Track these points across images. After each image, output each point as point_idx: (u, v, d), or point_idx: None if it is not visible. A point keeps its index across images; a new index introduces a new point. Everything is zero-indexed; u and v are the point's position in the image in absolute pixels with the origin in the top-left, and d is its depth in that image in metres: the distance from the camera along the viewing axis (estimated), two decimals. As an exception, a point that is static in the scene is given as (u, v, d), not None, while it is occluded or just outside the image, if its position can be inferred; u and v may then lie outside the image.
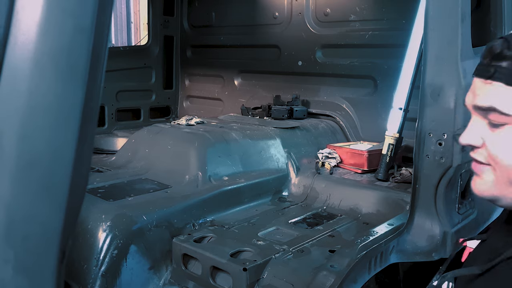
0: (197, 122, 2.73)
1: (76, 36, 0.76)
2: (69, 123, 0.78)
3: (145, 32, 4.29)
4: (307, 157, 2.58)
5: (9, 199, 0.76)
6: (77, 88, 0.77)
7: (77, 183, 0.81)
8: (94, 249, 1.62)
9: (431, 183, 1.75)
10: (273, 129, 2.65)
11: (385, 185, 2.27)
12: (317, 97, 3.17)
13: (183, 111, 4.06)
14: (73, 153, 0.78)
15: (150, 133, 2.57)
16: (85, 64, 0.77)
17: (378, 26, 2.84)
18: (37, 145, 0.76)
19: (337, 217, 2.09)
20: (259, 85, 3.55)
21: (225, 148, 2.33)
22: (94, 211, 1.72)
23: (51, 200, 0.79)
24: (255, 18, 3.54)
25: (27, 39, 0.73)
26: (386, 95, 2.69)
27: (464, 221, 1.91)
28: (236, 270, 1.53)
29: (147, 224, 1.74)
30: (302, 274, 1.50)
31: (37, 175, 0.77)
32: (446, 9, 1.69)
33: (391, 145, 2.37)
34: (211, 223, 1.94)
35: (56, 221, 0.80)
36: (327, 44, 3.13)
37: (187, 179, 2.15)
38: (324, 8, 3.11)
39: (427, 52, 1.73)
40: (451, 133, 1.69)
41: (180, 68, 4.12)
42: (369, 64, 2.89)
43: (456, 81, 1.68)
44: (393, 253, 1.71)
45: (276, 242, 1.75)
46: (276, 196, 2.34)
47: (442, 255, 1.78)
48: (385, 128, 2.42)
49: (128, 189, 2.02)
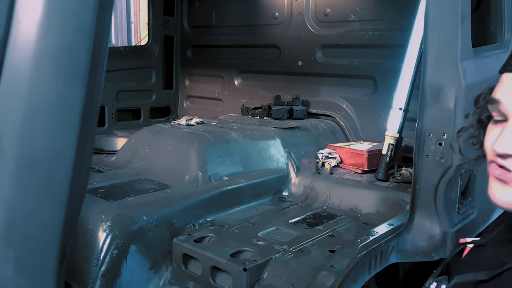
0: (197, 122, 2.73)
1: (76, 36, 0.76)
2: (69, 123, 0.78)
3: (145, 32, 4.29)
4: (307, 157, 2.58)
5: (9, 199, 0.76)
6: (77, 88, 0.77)
7: (77, 183, 0.81)
8: (94, 249, 1.62)
9: (431, 183, 1.75)
10: (273, 129, 2.65)
11: (385, 185, 2.27)
12: (317, 97, 3.17)
13: (183, 111, 4.06)
14: (73, 153, 0.78)
15: (150, 133, 2.57)
16: (85, 64, 0.77)
17: (378, 26, 2.84)
18: (37, 145, 0.76)
19: (337, 217, 2.09)
20: (259, 85, 3.55)
21: (225, 148, 2.33)
22: (94, 211, 1.72)
23: (51, 200, 0.79)
24: (255, 18, 3.54)
25: (27, 39, 0.73)
26: (386, 95, 2.69)
27: (464, 221, 1.91)
28: (236, 270, 1.53)
29: (147, 224, 1.74)
30: (302, 274, 1.50)
31: (37, 175, 0.77)
32: (446, 9, 1.69)
33: (391, 145, 2.37)
34: (211, 223, 1.94)
35: (56, 221, 0.80)
36: (327, 44, 3.13)
37: (187, 179, 2.14)
38: (324, 8, 3.11)
39: (427, 52, 1.73)
40: (451, 133, 1.69)
41: (180, 68, 4.12)
42: (369, 64, 2.89)
43: (456, 81, 1.68)
44: (393, 253, 1.71)
45: (276, 242, 1.75)
46: (276, 196, 2.34)
47: (442, 255, 1.78)
48: (385, 128, 2.42)
49: (128, 189, 2.02)
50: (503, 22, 2.21)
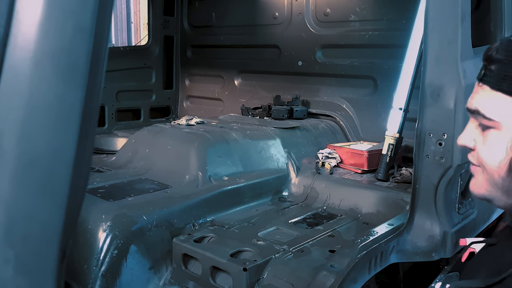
0: (197, 122, 2.74)
1: (76, 36, 0.76)
2: (69, 123, 0.78)
3: (145, 32, 4.29)
4: (307, 157, 2.58)
5: (9, 199, 0.76)
6: (77, 88, 0.77)
7: (77, 183, 0.81)
8: (94, 249, 1.62)
9: (431, 183, 1.75)
10: (273, 129, 2.65)
11: (385, 185, 2.27)
12: (317, 97, 3.17)
13: (183, 111, 4.06)
14: (73, 153, 0.78)
15: (150, 133, 2.57)
16: (85, 64, 0.77)
17: (378, 26, 2.84)
18: (37, 145, 0.76)
19: (337, 217, 2.09)
20: (259, 85, 3.55)
21: (225, 148, 2.33)
22: (94, 211, 1.72)
23: (51, 200, 0.79)
24: (255, 18, 3.54)
25: (27, 39, 0.73)
26: (386, 95, 2.69)
27: (464, 221, 1.91)
28: (236, 270, 1.53)
29: (147, 224, 1.74)
30: (302, 274, 1.50)
31: (37, 175, 0.77)
32: (446, 9, 1.69)
33: (391, 145, 2.37)
34: (211, 223, 1.94)
35: (56, 221, 0.80)
36: (327, 44, 3.13)
37: (187, 179, 2.14)
38: (324, 8, 3.11)
39: (427, 52, 1.73)
40: (451, 133, 1.69)
41: (180, 68, 4.12)
42: (369, 64, 2.89)
43: (456, 81, 1.68)
44: (393, 253, 1.71)
45: (276, 242, 1.75)
46: (276, 196, 2.34)
47: (442, 255, 1.78)
48: (385, 128, 2.42)
49: (128, 189, 2.02)
50: (503, 22, 2.21)
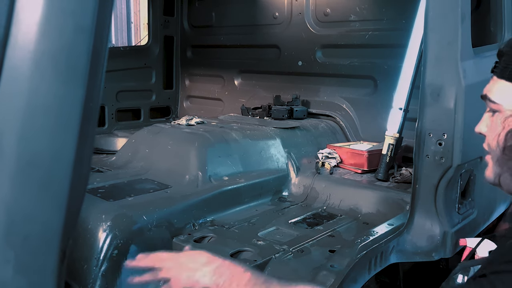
0: (197, 122, 2.73)
1: (76, 36, 0.76)
2: (69, 123, 0.78)
3: (145, 32, 4.30)
4: (307, 157, 2.58)
5: (9, 199, 0.76)
6: (77, 88, 0.77)
7: (77, 183, 0.81)
8: (94, 249, 1.62)
9: (431, 183, 1.75)
10: (273, 129, 2.65)
11: (385, 185, 2.26)
12: (317, 97, 3.17)
13: (183, 111, 4.06)
14: (73, 153, 0.78)
15: (150, 133, 2.57)
16: (85, 64, 0.77)
17: (378, 26, 2.84)
18: (37, 146, 0.76)
19: (337, 217, 2.09)
20: (259, 85, 3.55)
21: (225, 148, 2.33)
22: (94, 211, 1.72)
23: (51, 200, 0.79)
24: (255, 18, 3.54)
25: (27, 39, 0.73)
26: (386, 95, 2.69)
27: (464, 221, 1.91)
28: (236, 270, 1.53)
29: (147, 224, 1.73)
30: (302, 274, 1.50)
31: (37, 175, 0.77)
32: (446, 9, 1.69)
33: (391, 145, 2.37)
34: (211, 223, 1.94)
35: (56, 221, 0.80)
36: (327, 44, 3.13)
37: (187, 179, 2.14)
38: (324, 8, 3.11)
39: (427, 52, 1.73)
40: (451, 133, 1.69)
41: (180, 68, 4.12)
42: (369, 64, 2.89)
43: (456, 81, 1.68)
44: (393, 253, 1.71)
45: (276, 242, 1.75)
46: (276, 196, 2.34)
47: (442, 255, 1.78)
48: (385, 128, 2.42)
49: (128, 189, 2.02)
50: (503, 22, 2.21)
